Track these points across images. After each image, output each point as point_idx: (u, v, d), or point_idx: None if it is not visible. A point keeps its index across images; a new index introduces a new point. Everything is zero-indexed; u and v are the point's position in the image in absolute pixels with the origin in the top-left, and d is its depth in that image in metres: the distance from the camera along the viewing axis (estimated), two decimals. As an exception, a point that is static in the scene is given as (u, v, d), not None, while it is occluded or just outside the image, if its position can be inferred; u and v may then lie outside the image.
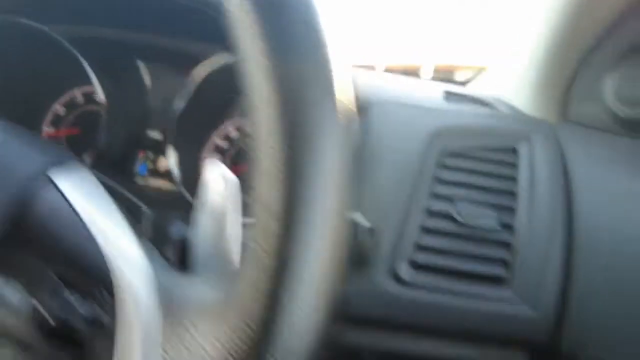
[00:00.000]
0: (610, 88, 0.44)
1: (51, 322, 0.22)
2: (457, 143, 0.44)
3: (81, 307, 0.22)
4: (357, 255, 0.39)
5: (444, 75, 0.77)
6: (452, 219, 0.41)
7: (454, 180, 0.43)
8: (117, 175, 0.39)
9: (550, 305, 0.38)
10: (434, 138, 0.43)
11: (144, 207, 0.43)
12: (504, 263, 0.40)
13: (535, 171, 0.43)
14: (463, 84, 0.70)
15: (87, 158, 0.53)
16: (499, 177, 0.43)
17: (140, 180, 0.56)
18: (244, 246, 0.20)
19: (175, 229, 0.36)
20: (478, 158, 0.44)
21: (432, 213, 0.41)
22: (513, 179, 0.43)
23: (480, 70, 0.69)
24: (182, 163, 0.52)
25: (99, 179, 0.23)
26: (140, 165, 0.56)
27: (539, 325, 0.38)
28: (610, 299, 0.36)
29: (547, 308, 0.38)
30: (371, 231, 0.38)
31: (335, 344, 0.40)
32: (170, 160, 0.52)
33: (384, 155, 0.43)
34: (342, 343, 0.40)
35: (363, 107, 0.45)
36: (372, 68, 0.78)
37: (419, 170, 0.42)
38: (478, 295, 0.39)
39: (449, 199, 0.42)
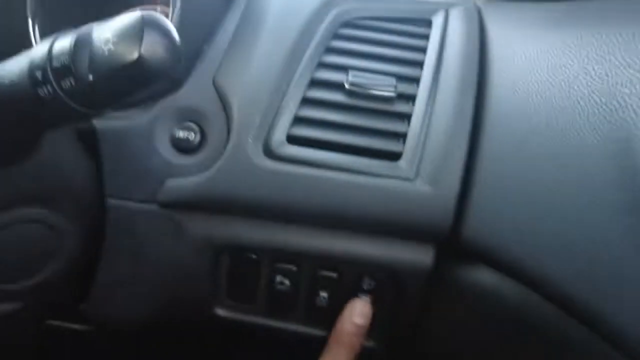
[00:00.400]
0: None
1: None
2: (358, 13, 0.41)
3: None
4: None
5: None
6: (342, 89, 0.38)
7: (349, 49, 0.40)
8: None
9: (451, 184, 0.34)
10: (329, 5, 0.41)
11: None
12: (400, 136, 0.37)
13: (447, 44, 0.40)
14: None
15: None
16: (404, 47, 0.40)
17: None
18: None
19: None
20: (381, 28, 0.41)
21: (318, 83, 0.39)
22: (421, 50, 0.40)
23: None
24: None
25: None
26: None
27: (438, 204, 0.34)
28: (516, 184, 0.33)
29: (447, 186, 0.34)
30: None
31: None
32: None
33: (269, 22, 0.41)
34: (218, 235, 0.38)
35: None
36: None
37: (308, 37, 0.40)
38: (366, 171, 0.35)
39: (341, 68, 0.39)
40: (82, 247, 0.38)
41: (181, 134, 0.38)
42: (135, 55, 0.23)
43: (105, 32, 0.24)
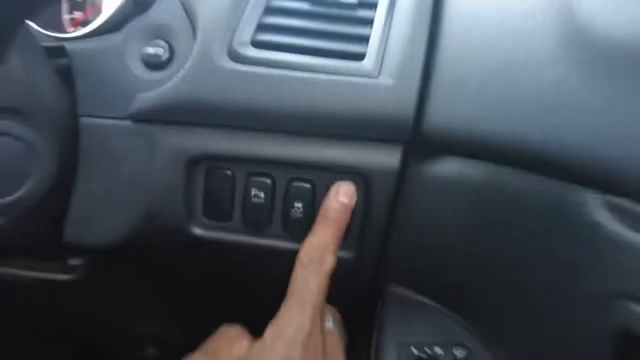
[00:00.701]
0: None
1: None
2: None
3: None
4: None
5: None
6: None
7: None
8: None
9: (412, 77, 0.35)
10: None
11: None
12: (364, 39, 0.38)
13: None
14: None
15: None
16: None
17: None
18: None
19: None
20: None
21: None
22: None
23: None
24: None
25: None
26: None
27: (401, 96, 0.35)
28: (472, 69, 0.33)
29: (409, 79, 0.35)
30: None
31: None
32: None
33: None
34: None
35: None
36: None
37: None
38: (331, 70, 0.36)
39: None
40: (58, 165, 0.38)
41: (150, 50, 0.39)
42: None
43: None
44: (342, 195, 0.39)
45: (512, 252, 0.31)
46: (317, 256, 0.38)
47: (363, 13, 0.39)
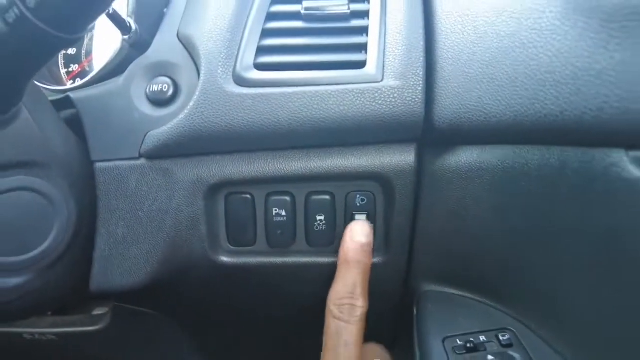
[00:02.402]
0: None
1: None
2: None
3: None
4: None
5: None
6: (298, 17, 0.40)
7: None
8: None
9: (416, 76, 0.36)
10: None
11: None
12: (362, 48, 0.39)
13: None
14: None
15: None
16: None
17: None
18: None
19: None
20: None
21: (274, 15, 0.41)
22: None
23: None
24: None
25: None
26: None
27: (409, 94, 0.36)
28: (473, 58, 0.34)
29: (414, 78, 0.36)
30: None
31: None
32: None
33: None
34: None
35: None
36: None
37: None
38: (336, 81, 0.37)
39: (293, 1, 0.41)
40: (78, 214, 0.38)
41: (155, 87, 0.40)
42: None
43: None
44: (358, 235, 0.39)
45: (547, 229, 0.31)
46: (346, 304, 0.38)
47: (357, 22, 0.40)
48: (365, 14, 0.40)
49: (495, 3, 0.34)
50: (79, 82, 0.45)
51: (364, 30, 0.40)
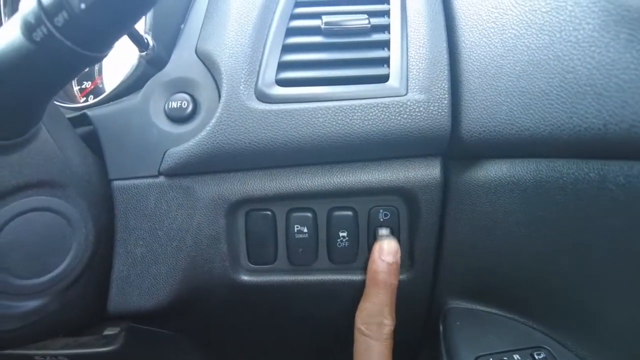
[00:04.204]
0: None
1: None
2: None
3: None
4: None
5: None
6: (318, 32, 0.40)
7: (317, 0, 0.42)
8: None
9: (441, 89, 0.36)
10: None
11: None
12: (384, 62, 0.38)
13: None
14: None
15: None
16: None
17: None
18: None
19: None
20: None
21: (294, 30, 0.41)
22: None
23: None
24: None
25: None
26: None
27: (434, 108, 0.35)
28: (499, 71, 0.34)
29: (439, 91, 0.36)
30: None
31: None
32: None
33: None
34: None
35: None
36: None
37: None
38: (359, 95, 0.36)
39: (312, 16, 0.41)
40: (95, 234, 0.38)
41: (174, 104, 0.39)
42: None
43: None
44: (386, 255, 0.39)
45: (584, 245, 0.31)
46: (374, 322, 0.38)
47: (378, 36, 0.40)
48: (385, 28, 0.40)
49: (522, 16, 0.33)
50: (92, 99, 0.44)
51: (385, 44, 0.39)
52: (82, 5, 0.25)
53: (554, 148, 0.30)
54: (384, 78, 0.37)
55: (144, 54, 0.41)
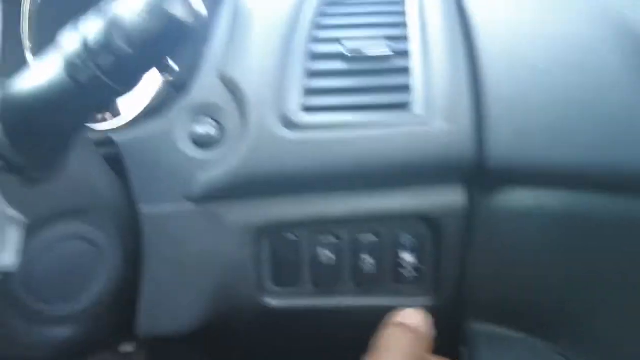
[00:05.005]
0: None
1: None
2: None
3: None
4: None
5: None
6: (340, 58, 0.40)
7: (338, 24, 0.43)
8: None
9: (465, 117, 0.36)
10: None
11: None
12: (405, 88, 0.39)
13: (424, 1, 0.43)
14: None
15: None
16: (386, 13, 0.43)
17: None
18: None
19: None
20: (361, 2, 0.44)
21: (317, 56, 0.41)
22: (401, 13, 0.43)
23: None
24: None
25: None
26: None
27: (458, 137, 0.36)
28: (525, 97, 0.34)
29: (462, 120, 0.36)
30: None
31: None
32: None
33: (258, 13, 0.43)
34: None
35: None
36: None
37: (298, 18, 0.42)
38: (383, 123, 0.37)
39: (334, 40, 0.41)
40: (123, 261, 0.38)
41: (200, 129, 0.39)
42: (168, 17, 0.25)
43: (132, 4, 0.25)
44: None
45: (616, 276, 0.31)
46: None
47: (399, 63, 0.40)
48: (406, 53, 0.40)
49: (551, 52, 0.34)
50: (109, 116, 0.44)
51: (406, 70, 0.40)
52: (130, 50, 0.25)
53: (583, 181, 0.31)
54: (405, 105, 0.38)
55: (167, 77, 0.41)
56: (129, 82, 0.27)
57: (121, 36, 0.25)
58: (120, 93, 0.28)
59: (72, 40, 0.26)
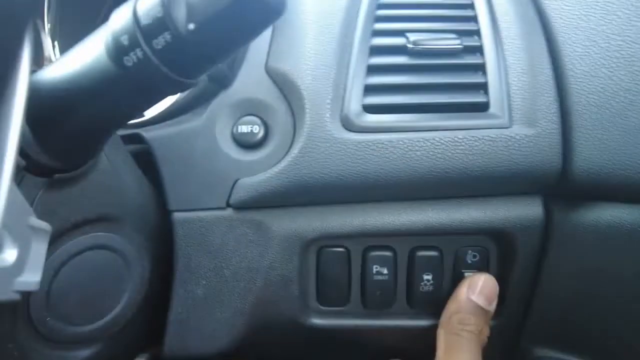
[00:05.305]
0: None
1: None
2: None
3: None
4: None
5: None
6: (403, 51, 0.36)
7: (399, 15, 0.38)
8: None
9: (551, 123, 0.32)
10: None
11: None
12: (480, 87, 0.34)
13: None
14: None
15: None
16: (451, 6, 0.39)
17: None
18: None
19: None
20: None
21: (378, 49, 0.36)
22: (469, 6, 0.38)
23: None
24: None
25: None
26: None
27: (543, 145, 0.32)
28: (615, 107, 0.31)
29: (548, 126, 0.32)
30: None
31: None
32: None
33: (308, 4, 0.38)
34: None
35: None
36: None
37: (355, 9, 0.38)
38: (457, 126, 0.33)
39: (396, 33, 0.37)
40: (151, 272, 0.33)
41: (243, 128, 0.35)
42: None
43: None
44: (477, 295, 0.34)
45: None
46: None
47: (471, 59, 0.36)
48: (477, 50, 0.36)
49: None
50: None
51: (479, 68, 0.35)
52: (191, 26, 0.20)
53: None
54: (483, 106, 0.34)
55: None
56: (188, 70, 0.23)
57: (180, 10, 0.20)
58: (178, 84, 0.23)
59: (122, 15, 0.22)
